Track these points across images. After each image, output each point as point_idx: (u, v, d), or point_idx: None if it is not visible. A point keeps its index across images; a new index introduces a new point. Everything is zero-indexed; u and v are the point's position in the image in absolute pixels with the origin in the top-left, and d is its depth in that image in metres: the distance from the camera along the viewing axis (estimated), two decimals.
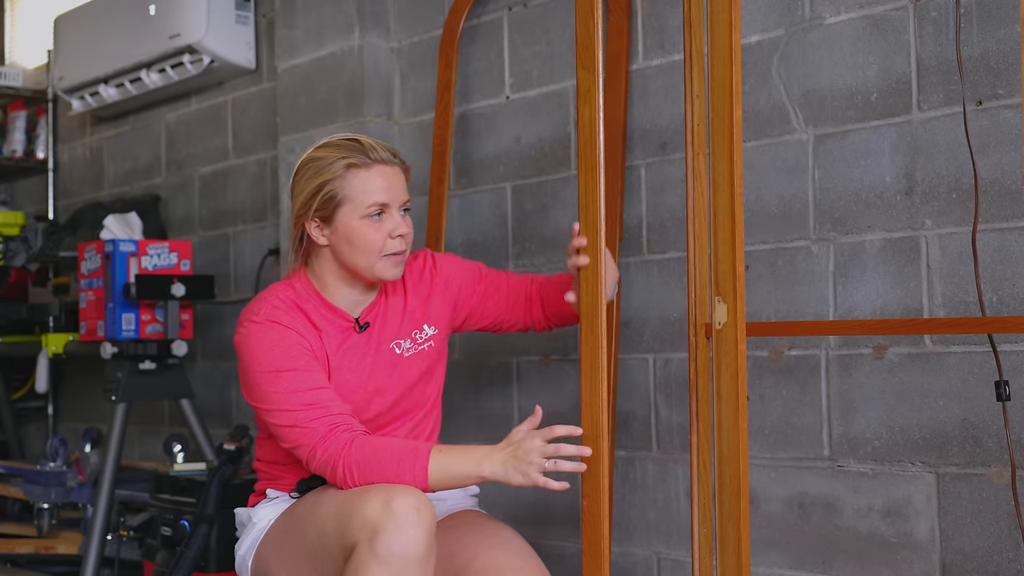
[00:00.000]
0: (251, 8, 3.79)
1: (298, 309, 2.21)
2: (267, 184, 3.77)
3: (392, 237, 2.17)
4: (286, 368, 2.12)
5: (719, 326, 1.92)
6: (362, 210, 2.15)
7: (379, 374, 2.26)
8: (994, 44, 2.21)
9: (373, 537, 1.92)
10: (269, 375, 2.12)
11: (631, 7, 2.76)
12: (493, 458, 2.00)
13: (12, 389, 4.58)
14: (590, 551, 1.96)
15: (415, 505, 1.94)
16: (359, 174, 2.15)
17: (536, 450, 1.96)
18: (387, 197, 2.16)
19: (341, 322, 2.24)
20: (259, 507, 2.29)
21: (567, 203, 2.89)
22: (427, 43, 3.22)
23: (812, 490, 2.46)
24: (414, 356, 2.29)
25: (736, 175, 1.87)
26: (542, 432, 1.98)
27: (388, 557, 1.91)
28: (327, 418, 2.08)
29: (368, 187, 2.15)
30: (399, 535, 1.91)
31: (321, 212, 2.17)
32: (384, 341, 2.27)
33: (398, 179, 2.19)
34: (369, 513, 1.94)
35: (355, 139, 2.20)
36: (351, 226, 2.16)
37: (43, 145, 4.74)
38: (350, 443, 2.05)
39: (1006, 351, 2.17)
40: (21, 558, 3.84)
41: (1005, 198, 2.20)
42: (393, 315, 2.29)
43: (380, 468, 2.02)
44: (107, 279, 3.48)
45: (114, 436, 3.42)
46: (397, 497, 1.94)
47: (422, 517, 1.93)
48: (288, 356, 2.13)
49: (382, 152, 2.17)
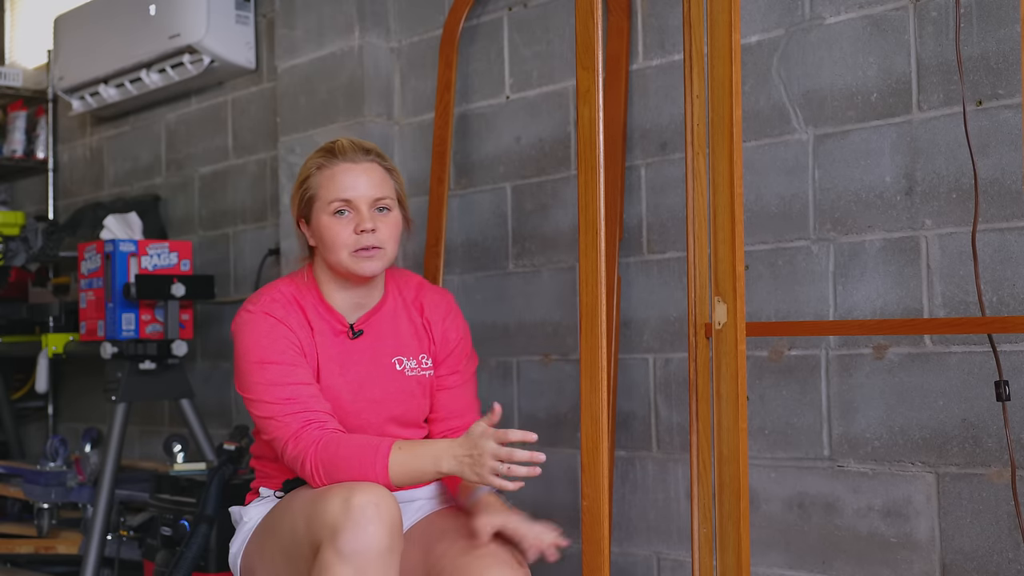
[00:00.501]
0: (251, 8, 3.79)
1: (296, 304, 2.24)
2: (267, 184, 3.77)
3: (357, 232, 2.19)
4: (271, 360, 2.16)
5: (719, 326, 1.92)
6: (327, 207, 2.20)
7: (374, 386, 2.26)
8: (994, 44, 2.21)
9: (334, 536, 1.94)
10: (255, 365, 2.17)
11: (631, 7, 2.76)
12: (451, 455, 2.03)
13: (12, 389, 4.58)
14: (590, 551, 1.96)
15: (374, 501, 1.96)
16: (324, 173, 2.22)
17: (490, 453, 1.98)
18: (349, 194, 2.19)
19: (336, 324, 2.26)
20: (251, 506, 2.31)
21: (567, 203, 2.89)
22: (427, 43, 3.22)
23: (812, 490, 2.46)
24: (417, 377, 2.30)
25: (736, 175, 1.88)
26: (497, 434, 1.99)
27: (349, 554, 1.93)
28: (302, 414, 2.12)
29: (332, 184, 2.20)
30: (358, 531, 1.93)
31: (303, 212, 2.26)
32: (384, 354, 2.28)
33: (367, 177, 2.21)
34: (330, 512, 1.97)
35: (334, 141, 2.27)
36: (320, 223, 2.21)
37: (43, 145, 4.74)
38: (318, 441, 2.09)
39: (1006, 351, 2.17)
40: (21, 558, 3.84)
41: (1005, 198, 2.20)
42: (397, 330, 2.30)
43: (345, 466, 2.06)
44: (107, 279, 3.48)
45: (114, 436, 3.42)
46: (356, 494, 1.96)
47: (381, 512, 1.95)
48: (275, 349, 2.17)
49: (351, 152, 2.22)
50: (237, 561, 2.27)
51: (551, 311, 2.93)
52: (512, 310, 3.00)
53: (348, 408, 2.22)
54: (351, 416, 2.23)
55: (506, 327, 3.00)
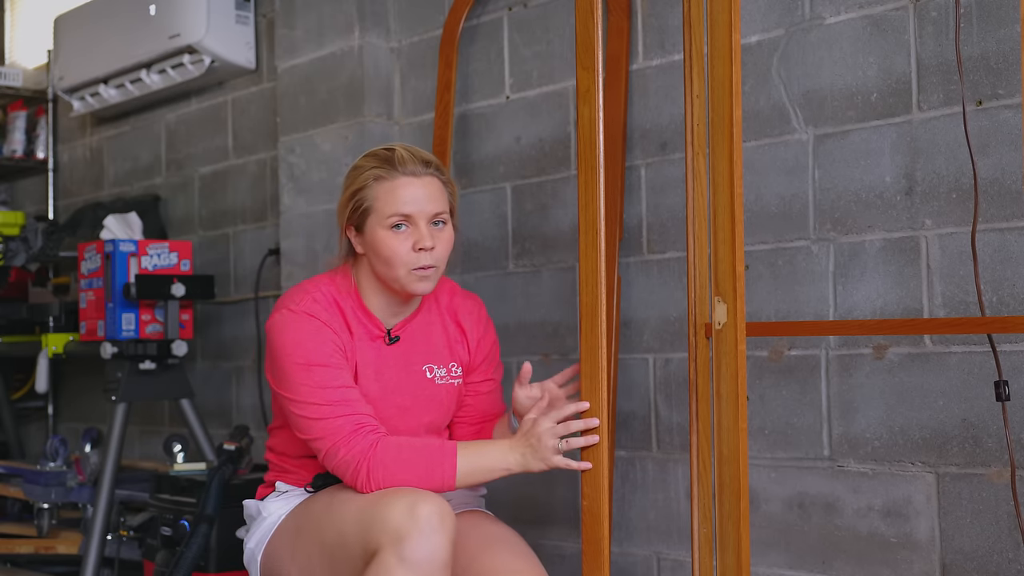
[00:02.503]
0: (251, 8, 3.79)
1: (336, 306, 2.21)
2: (267, 184, 3.77)
3: (415, 250, 2.15)
4: (319, 363, 2.13)
5: (719, 326, 1.92)
6: (385, 221, 2.15)
7: (404, 393, 2.25)
8: (994, 44, 2.21)
9: (398, 542, 1.93)
10: (300, 367, 2.13)
11: (631, 7, 2.76)
12: (514, 450, 2.06)
13: (12, 389, 4.58)
14: (590, 551, 1.96)
15: (439, 512, 1.96)
16: (383, 185, 2.16)
17: (548, 433, 2.02)
18: (410, 209, 2.15)
19: (373, 329, 2.24)
20: (269, 500, 2.29)
21: (567, 203, 2.89)
22: (427, 43, 3.22)
23: (812, 490, 2.46)
24: (446, 386, 2.30)
25: (736, 175, 1.87)
26: (551, 415, 2.03)
27: (414, 563, 1.93)
28: (353, 417, 2.10)
29: (390, 198, 2.15)
30: (424, 541, 1.93)
31: (354, 221, 2.20)
32: (415, 361, 2.27)
33: (427, 191, 2.17)
34: (394, 518, 1.95)
35: (391, 149, 2.20)
36: (376, 237, 2.16)
37: (43, 145, 4.74)
38: (375, 444, 2.07)
39: (1006, 351, 2.17)
40: (21, 558, 3.84)
41: (1005, 198, 2.20)
42: (429, 338, 2.29)
43: (409, 467, 2.05)
44: (107, 279, 3.48)
45: (114, 436, 3.42)
46: (421, 503, 1.96)
47: (445, 524, 1.96)
48: (322, 352, 2.14)
49: (411, 164, 2.16)
50: (257, 557, 2.24)
51: (551, 311, 2.93)
52: (512, 310, 3.01)
53: (378, 414, 2.20)
54: (382, 420, 2.21)
55: (506, 327, 3.00)
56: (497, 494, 2.96)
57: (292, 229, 3.43)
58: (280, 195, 3.48)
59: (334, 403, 2.11)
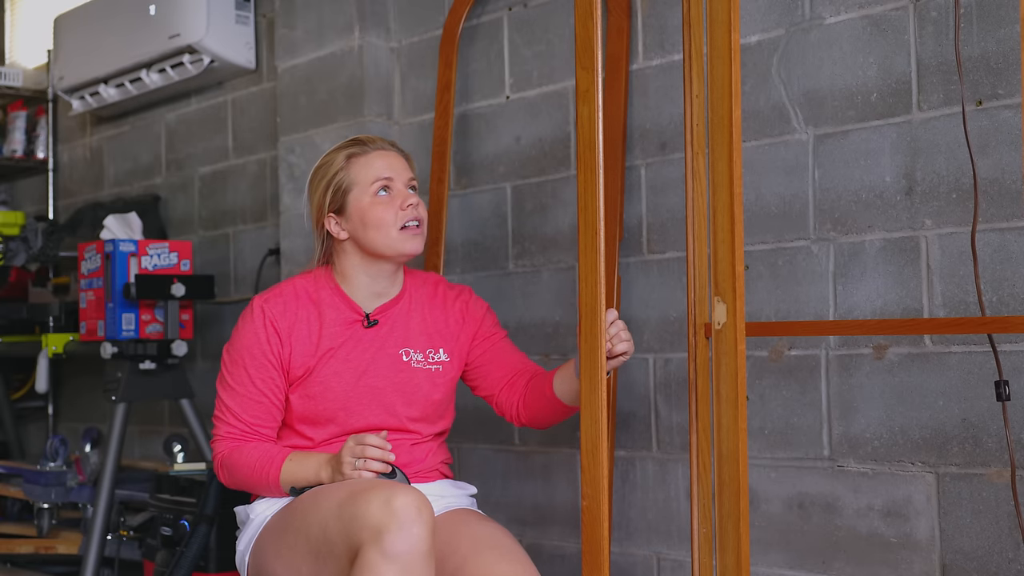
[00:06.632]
0: (251, 8, 3.79)
1: (305, 297, 2.34)
2: (267, 184, 3.77)
3: (403, 208, 2.29)
4: (241, 363, 2.31)
5: (719, 326, 1.92)
6: (368, 188, 2.30)
7: (377, 375, 2.32)
8: (994, 44, 2.21)
9: (378, 537, 1.96)
10: (230, 356, 2.36)
11: (631, 7, 2.76)
12: (329, 464, 2.21)
13: (12, 389, 4.58)
14: (590, 551, 1.96)
15: (415, 503, 1.99)
16: (359, 160, 2.33)
17: (348, 451, 2.18)
18: (389, 173, 2.31)
19: (350, 313, 2.34)
20: (256, 503, 2.33)
21: (567, 203, 2.89)
22: (427, 43, 3.22)
23: (812, 490, 2.46)
24: (423, 370, 2.36)
25: (736, 175, 1.87)
26: (356, 437, 2.19)
27: (396, 555, 1.95)
28: (238, 424, 2.30)
29: (369, 169, 2.32)
30: (403, 533, 1.96)
31: (334, 205, 2.32)
32: (392, 344, 2.35)
33: (398, 161, 2.35)
34: (372, 513, 1.98)
35: (356, 137, 2.39)
36: (362, 208, 2.30)
37: (43, 145, 4.74)
38: (232, 447, 2.29)
39: (1006, 351, 2.17)
40: (21, 558, 3.85)
41: (1005, 198, 2.20)
42: (408, 323, 2.38)
43: (243, 472, 2.27)
44: (107, 279, 3.48)
45: (114, 436, 3.42)
46: (396, 496, 1.99)
47: (423, 514, 1.98)
48: (250, 352, 2.32)
49: (379, 142, 2.38)
50: (245, 559, 2.28)
51: (551, 311, 2.93)
52: (512, 310, 3.01)
53: (350, 392, 2.30)
54: (353, 400, 2.30)
55: (506, 327, 2.99)
56: (497, 494, 2.97)
57: (292, 229, 3.43)
58: (280, 195, 3.48)
59: (232, 404, 2.31)
